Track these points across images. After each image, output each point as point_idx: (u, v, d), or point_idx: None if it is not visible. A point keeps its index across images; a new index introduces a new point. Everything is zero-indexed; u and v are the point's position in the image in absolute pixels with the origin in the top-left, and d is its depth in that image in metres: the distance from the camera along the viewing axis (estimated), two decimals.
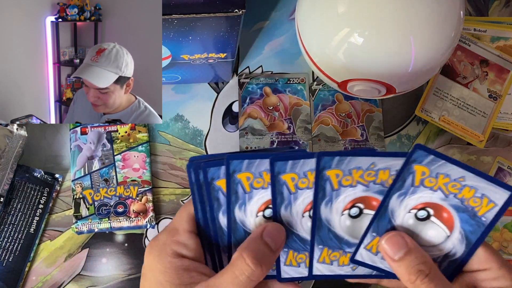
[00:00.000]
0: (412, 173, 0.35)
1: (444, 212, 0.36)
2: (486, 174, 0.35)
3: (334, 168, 0.35)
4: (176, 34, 0.46)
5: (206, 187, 0.36)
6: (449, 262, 0.37)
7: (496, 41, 0.60)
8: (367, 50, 0.46)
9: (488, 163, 0.61)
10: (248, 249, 0.35)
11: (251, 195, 0.37)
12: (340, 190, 0.36)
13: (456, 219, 0.36)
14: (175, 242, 0.37)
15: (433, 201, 0.36)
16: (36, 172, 0.56)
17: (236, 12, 0.43)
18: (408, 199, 0.36)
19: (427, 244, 0.37)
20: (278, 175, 0.36)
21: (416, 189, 0.36)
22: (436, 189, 0.36)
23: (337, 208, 0.37)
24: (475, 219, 0.36)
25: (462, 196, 0.36)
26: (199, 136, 0.59)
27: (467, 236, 0.36)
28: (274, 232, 0.36)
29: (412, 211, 0.36)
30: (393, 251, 0.36)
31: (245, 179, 0.36)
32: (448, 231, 0.37)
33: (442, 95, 0.60)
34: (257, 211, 0.37)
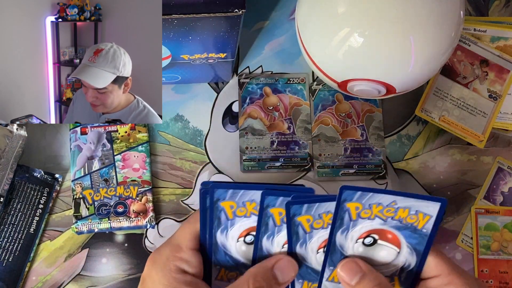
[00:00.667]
0: (347, 210, 0.38)
1: (387, 233, 0.39)
2: (413, 193, 0.38)
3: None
4: (176, 34, 0.46)
5: (210, 207, 0.39)
6: (407, 273, 0.40)
7: (496, 41, 0.60)
8: (367, 50, 0.46)
9: (488, 163, 0.61)
10: (256, 277, 0.38)
11: (233, 222, 0.40)
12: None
13: (401, 237, 0.39)
14: (178, 258, 0.40)
15: (374, 227, 0.39)
16: (36, 172, 0.56)
17: (236, 12, 0.43)
18: (352, 232, 0.39)
19: (382, 263, 0.40)
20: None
21: (356, 222, 0.39)
22: (374, 217, 0.39)
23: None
24: (417, 233, 0.39)
25: (399, 217, 0.39)
26: (199, 136, 0.59)
27: (415, 248, 0.40)
28: (285, 267, 0.39)
29: (359, 240, 0.39)
30: (349, 277, 0.38)
31: (228, 207, 0.39)
32: (397, 248, 0.40)
33: (442, 95, 0.60)
34: (238, 237, 0.40)
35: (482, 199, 0.60)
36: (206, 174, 0.58)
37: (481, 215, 0.59)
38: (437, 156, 0.60)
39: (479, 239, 0.58)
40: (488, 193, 0.60)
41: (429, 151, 0.61)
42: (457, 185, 0.60)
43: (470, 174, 0.60)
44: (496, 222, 0.59)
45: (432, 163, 0.60)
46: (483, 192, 0.60)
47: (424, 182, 0.60)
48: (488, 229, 0.59)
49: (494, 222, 0.59)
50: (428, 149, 0.61)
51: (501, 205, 0.59)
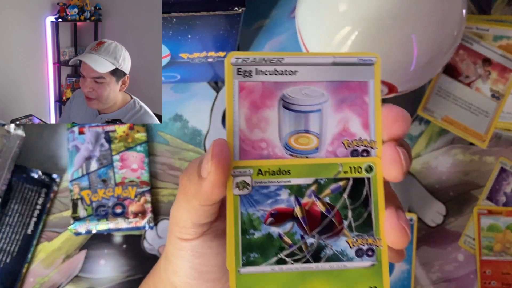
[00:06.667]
0: None
1: None
2: None
3: None
4: (175, 32, 0.45)
5: None
6: None
7: (498, 40, 0.60)
8: (368, 49, 0.46)
9: (491, 163, 0.60)
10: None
11: None
12: None
13: None
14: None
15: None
16: (33, 172, 0.56)
17: (236, 10, 0.43)
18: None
19: None
20: None
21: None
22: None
23: None
24: None
25: None
26: (199, 136, 0.59)
27: None
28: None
29: None
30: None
31: None
32: None
33: (445, 95, 0.59)
34: None
35: (484, 200, 0.59)
36: None
37: (484, 216, 0.58)
38: (440, 156, 0.60)
39: (481, 240, 0.58)
40: (491, 194, 0.59)
41: (431, 151, 0.60)
42: (459, 186, 0.60)
43: (472, 175, 0.60)
44: (499, 223, 0.58)
45: (434, 163, 0.60)
46: (486, 193, 0.59)
47: (426, 182, 0.59)
48: (491, 230, 0.58)
49: (497, 223, 0.58)
50: (430, 149, 0.60)
51: (504, 206, 0.59)
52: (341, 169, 0.30)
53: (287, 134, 0.30)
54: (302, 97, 0.29)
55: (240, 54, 0.29)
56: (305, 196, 0.29)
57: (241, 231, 0.28)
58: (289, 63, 0.29)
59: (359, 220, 0.29)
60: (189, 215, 0.31)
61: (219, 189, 0.28)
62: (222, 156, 0.28)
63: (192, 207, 0.30)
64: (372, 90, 0.30)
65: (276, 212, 0.29)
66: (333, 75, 0.30)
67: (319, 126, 0.30)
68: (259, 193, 0.29)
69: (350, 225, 0.29)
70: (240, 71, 0.29)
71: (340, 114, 0.30)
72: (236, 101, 0.29)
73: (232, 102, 0.29)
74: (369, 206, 0.30)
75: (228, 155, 0.28)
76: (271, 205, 0.29)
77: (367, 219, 0.30)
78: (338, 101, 0.30)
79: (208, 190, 0.28)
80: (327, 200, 0.29)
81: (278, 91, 0.29)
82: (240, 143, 0.29)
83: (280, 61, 0.29)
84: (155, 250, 0.56)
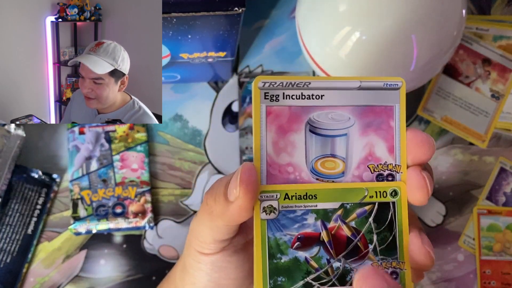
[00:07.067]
0: None
1: None
2: None
3: None
4: (175, 32, 0.45)
5: None
6: None
7: (498, 40, 0.60)
8: (368, 49, 0.46)
9: (491, 163, 0.60)
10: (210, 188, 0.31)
11: None
12: None
13: None
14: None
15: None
16: (33, 172, 0.56)
17: (236, 10, 0.43)
18: None
19: None
20: None
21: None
22: None
23: None
24: None
25: None
26: (199, 136, 0.59)
27: None
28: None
29: None
30: None
31: None
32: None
33: (444, 95, 0.59)
34: None
35: (484, 200, 0.59)
36: (205, 174, 0.58)
37: (484, 215, 0.58)
38: (439, 156, 0.60)
39: (481, 240, 0.58)
40: (491, 194, 0.59)
41: None
42: (459, 186, 0.60)
43: (472, 175, 0.60)
44: (499, 223, 0.58)
45: (434, 163, 0.60)
46: (486, 193, 0.59)
47: None
48: (491, 230, 0.58)
49: (496, 223, 0.58)
50: None
51: (504, 206, 0.59)
52: (367, 193, 0.30)
53: (313, 159, 0.30)
54: (328, 121, 0.30)
55: (267, 78, 0.29)
56: (331, 221, 0.29)
57: (268, 255, 0.29)
58: (316, 87, 0.29)
59: (384, 244, 0.30)
60: (211, 232, 0.31)
61: (246, 213, 0.28)
62: (250, 181, 0.28)
63: (215, 225, 0.30)
64: (397, 115, 0.30)
65: (303, 236, 0.29)
66: (360, 100, 0.30)
67: (345, 150, 0.30)
68: (286, 217, 0.29)
69: (375, 249, 0.30)
70: (267, 95, 0.29)
71: (366, 139, 0.30)
72: (263, 125, 0.29)
73: (260, 126, 0.29)
74: (393, 230, 0.30)
75: (256, 180, 0.28)
76: (297, 229, 0.29)
77: (392, 242, 0.30)
78: (364, 125, 0.30)
79: (235, 213, 0.28)
80: (352, 225, 0.30)
81: (305, 115, 0.29)
82: (267, 167, 0.29)
83: (307, 85, 0.29)
84: (155, 250, 0.56)
